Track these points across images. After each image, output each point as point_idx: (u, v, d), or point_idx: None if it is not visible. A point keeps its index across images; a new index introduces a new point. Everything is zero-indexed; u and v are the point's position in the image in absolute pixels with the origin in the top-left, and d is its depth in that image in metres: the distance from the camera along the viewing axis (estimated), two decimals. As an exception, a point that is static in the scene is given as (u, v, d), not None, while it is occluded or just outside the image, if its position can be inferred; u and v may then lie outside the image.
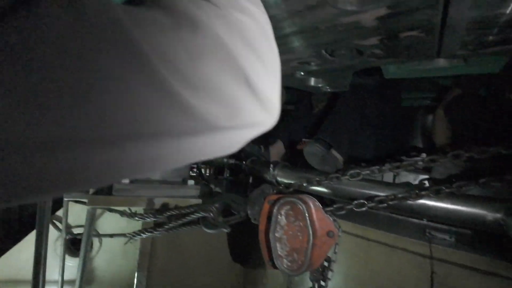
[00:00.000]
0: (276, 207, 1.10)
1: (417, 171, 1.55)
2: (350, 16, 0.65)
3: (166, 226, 1.32)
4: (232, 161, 2.12)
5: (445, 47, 0.76)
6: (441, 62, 0.94)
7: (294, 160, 1.89)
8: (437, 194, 1.06)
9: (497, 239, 1.15)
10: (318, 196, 1.50)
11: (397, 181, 1.62)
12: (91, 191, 1.37)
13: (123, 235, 1.41)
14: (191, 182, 1.56)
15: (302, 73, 1.13)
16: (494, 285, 1.14)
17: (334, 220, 1.22)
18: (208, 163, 2.38)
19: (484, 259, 1.15)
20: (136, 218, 1.36)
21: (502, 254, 1.10)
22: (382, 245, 1.42)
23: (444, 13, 0.60)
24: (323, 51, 0.90)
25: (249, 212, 1.22)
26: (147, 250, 1.43)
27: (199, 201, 1.48)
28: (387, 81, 1.81)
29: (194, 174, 2.11)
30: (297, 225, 1.07)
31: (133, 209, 1.49)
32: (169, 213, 1.32)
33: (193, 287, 2.04)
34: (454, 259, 1.22)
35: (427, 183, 1.06)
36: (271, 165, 1.61)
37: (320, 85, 1.24)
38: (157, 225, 1.36)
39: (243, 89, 0.27)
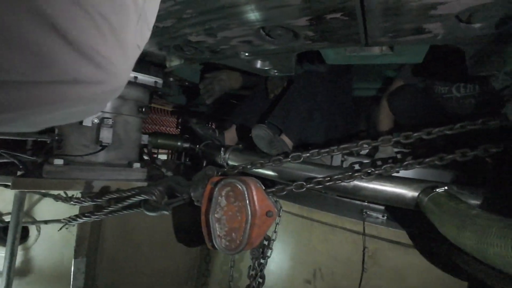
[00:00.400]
0: (217, 188, 1.10)
1: (362, 155, 1.66)
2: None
3: (105, 210, 1.25)
4: (187, 145, 2.07)
5: (370, 34, 0.79)
6: (374, 50, 0.99)
7: (249, 144, 1.91)
8: (367, 176, 1.14)
9: (418, 215, 1.28)
10: (264, 179, 1.54)
11: (345, 165, 1.71)
12: (18, 173, 1.24)
13: (58, 221, 1.32)
14: (137, 165, 1.49)
15: (247, 54, 1.11)
16: (413, 256, 1.28)
17: (276, 201, 1.26)
18: (167, 147, 2.29)
19: (405, 234, 1.28)
20: (72, 203, 1.27)
21: (420, 228, 1.23)
22: (324, 224, 1.51)
23: (361, -3, 0.62)
24: (261, 31, 0.89)
25: (192, 194, 1.20)
26: (86, 235, 1.35)
27: (145, 184, 1.43)
28: (339, 70, 1.88)
29: (147, 158, 2.03)
30: (236, 205, 1.09)
31: (72, 193, 1.39)
32: (108, 196, 1.26)
33: (147, 272, 2.01)
34: (383, 235, 1.34)
35: (356, 166, 1.13)
36: (222, 149, 1.60)
37: (267, 68, 1.23)
38: (96, 209, 1.29)
39: (51, 38, 0.25)
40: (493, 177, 1.36)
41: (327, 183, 1.16)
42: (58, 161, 1.25)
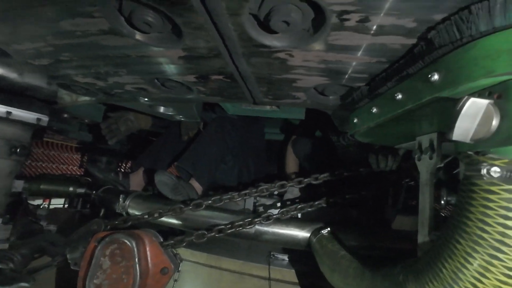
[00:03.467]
0: (99, 247, 0.94)
1: (273, 196, 1.73)
2: (155, 51, 0.66)
3: None
4: (81, 190, 1.77)
5: (254, 95, 0.89)
6: (265, 106, 1.11)
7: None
8: (267, 221, 1.19)
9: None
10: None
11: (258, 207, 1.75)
12: None
13: None
14: (-3, 220, 1.17)
15: (146, 100, 1.09)
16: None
17: (176, 254, 1.17)
18: (54, 194, 1.89)
19: (306, 273, 1.34)
20: None
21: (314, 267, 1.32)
22: (233, 273, 1.45)
23: (237, 66, 0.70)
24: (156, 80, 0.89)
25: (68, 256, 0.99)
26: None
27: (5, 246, 1.12)
28: (250, 116, 2.03)
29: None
30: (123, 266, 0.95)
31: None
32: None
33: None
34: (287, 277, 1.37)
35: (261, 209, 1.18)
36: (122, 195, 1.43)
37: (171, 113, 1.22)
38: None
39: None
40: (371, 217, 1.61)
41: (229, 231, 1.15)
42: None
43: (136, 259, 0.95)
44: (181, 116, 1.32)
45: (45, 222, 1.52)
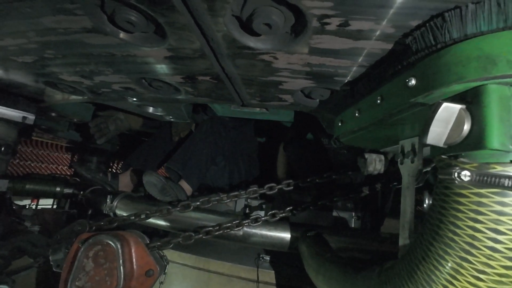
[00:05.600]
0: (82, 249, 0.93)
1: (265, 199, 1.73)
2: (140, 51, 0.66)
3: None
4: (69, 190, 1.74)
5: (242, 97, 0.89)
6: (254, 109, 1.12)
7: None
8: (255, 223, 1.18)
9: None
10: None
11: (249, 209, 1.75)
12: None
13: None
14: (-22, 220, 1.14)
15: (135, 99, 1.08)
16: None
17: (162, 256, 1.15)
18: (40, 194, 1.86)
19: (293, 276, 1.34)
20: None
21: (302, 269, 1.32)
22: (221, 275, 1.44)
23: (222, 67, 0.70)
24: (143, 80, 0.89)
25: (50, 257, 0.97)
26: None
27: (-14, 247, 1.09)
28: (243, 119, 2.03)
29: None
30: (106, 267, 0.93)
31: None
32: None
33: None
34: (275, 279, 1.37)
35: (247, 210, 1.18)
36: (109, 196, 1.41)
37: (160, 114, 1.22)
38: None
39: None
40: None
41: (217, 232, 1.15)
42: None
43: (121, 261, 0.93)
44: (170, 117, 1.31)
45: (30, 223, 1.49)
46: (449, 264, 0.39)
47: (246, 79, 0.74)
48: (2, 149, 1.25)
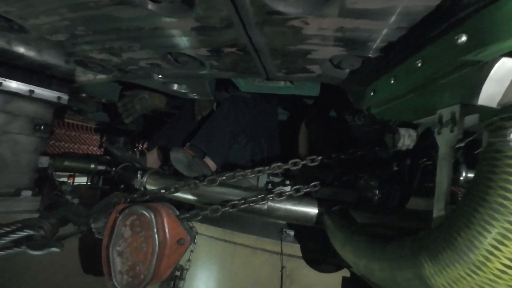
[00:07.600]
0: (120, 218, 1.00)
1: (287, 177, 1.75)
2: (167, 22, 0.66)
3: (-29, 252, 1.00)
4: (102, 167, 1.86)
5: (268, 69, 0.87)
6: (278, 82, 1.09)
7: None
8: (279, 197, 1.20)
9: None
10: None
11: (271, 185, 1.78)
12: None
13: None
14: (27, 193, 1.26)
15: (160, 76, 1.09)
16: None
17: (191, 227, 1.22)
18: (77, 171, 2.00)
19: (317, 250, 1.37)
20: None
21: (324, 243, 1.34)
22: (246, 247, 1.51)
23: (250, 37, 0.68)
24: (169, 56, 0.89)
25: (92, 225, 1.06)
26: None
27: (35, 215, 1.21)
28: (263, 96, 2.01)
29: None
30: (142, 235, 1.00)
31: None
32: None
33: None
34: (298, 252, 1.41)
35: (270, 186, 1.20)
36: (139, 172, 1.49)
37: (184, 91, 1.23)
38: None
39: None
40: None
41: (242, 206, 1.18)
42: None
43: (155, 230, 1.00)
44: (194, 94, 1.32)
45: (70, 197, 1.62)
46: (496, 230, 0.37)
47: (273, 49, 0.72)
48: (42, 128, 1.34)
